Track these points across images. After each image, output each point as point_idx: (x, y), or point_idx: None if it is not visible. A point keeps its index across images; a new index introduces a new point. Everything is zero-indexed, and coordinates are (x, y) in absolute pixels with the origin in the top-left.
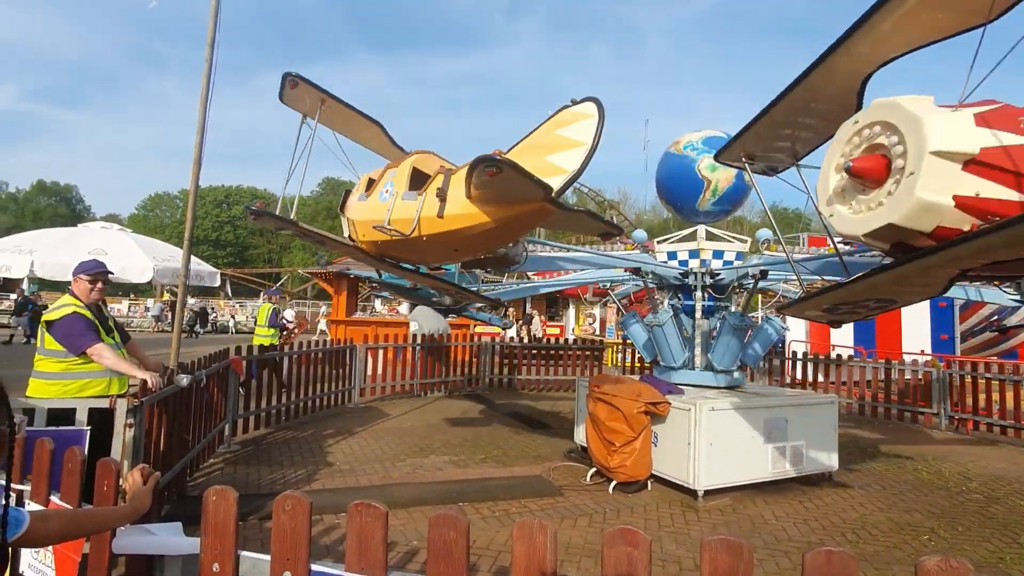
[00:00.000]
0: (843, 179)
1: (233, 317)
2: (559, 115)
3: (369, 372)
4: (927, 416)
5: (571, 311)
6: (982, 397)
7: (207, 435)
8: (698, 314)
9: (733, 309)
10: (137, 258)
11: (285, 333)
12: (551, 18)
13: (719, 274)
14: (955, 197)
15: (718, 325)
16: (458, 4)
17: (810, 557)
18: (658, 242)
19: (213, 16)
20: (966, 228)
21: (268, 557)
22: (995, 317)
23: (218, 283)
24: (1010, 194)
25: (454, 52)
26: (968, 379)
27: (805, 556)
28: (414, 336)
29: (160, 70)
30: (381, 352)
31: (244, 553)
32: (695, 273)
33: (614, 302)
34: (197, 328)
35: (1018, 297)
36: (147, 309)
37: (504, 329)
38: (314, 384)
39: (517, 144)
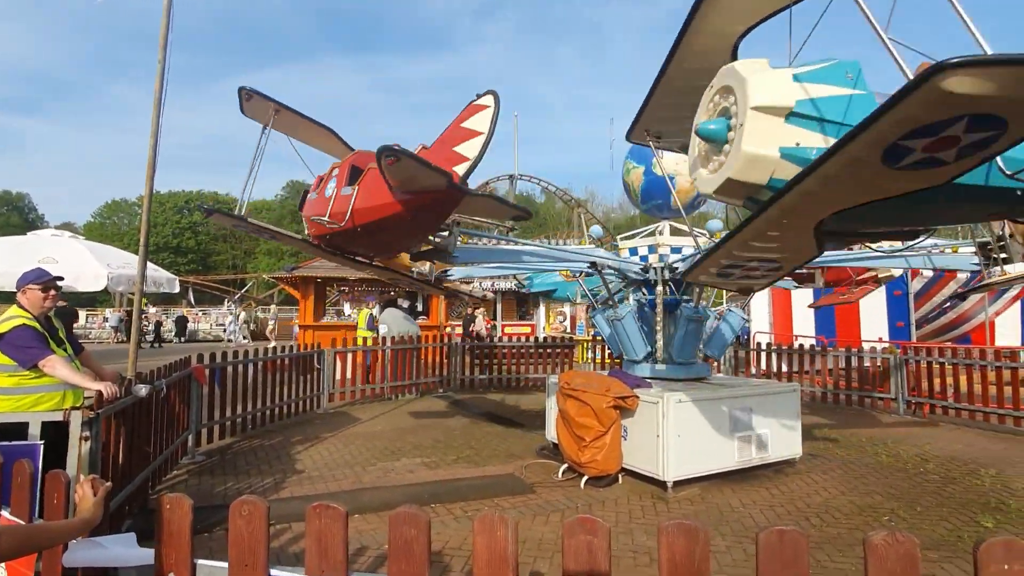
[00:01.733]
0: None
1: (189, 324)
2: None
3: (338, 377)
4: (886, 401)
5: (541, 310)
6: (937, 381)
7: (170, 446)
8: (659, 308)
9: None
10: (90, 265)
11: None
12: (520, 21)
13: (677, 268)
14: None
15: (678, 318)
16: (428, 7)
17: (764, 536)
18: (621, 239)
19: (166, 14)
20: None
21: (225, 564)
22: (948, 304)
23: (177, 289)
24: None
25: (425, 56)
26: (924, 364)
27: (759, 535)
28: (383, 339)
29: (117, 75)
30: (350, 356)
31: (201, 561)
32: (654, 268)
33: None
34: (174, 338)
35: (977, 261)
36: (106, 320)
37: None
38: (280, 390)
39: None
